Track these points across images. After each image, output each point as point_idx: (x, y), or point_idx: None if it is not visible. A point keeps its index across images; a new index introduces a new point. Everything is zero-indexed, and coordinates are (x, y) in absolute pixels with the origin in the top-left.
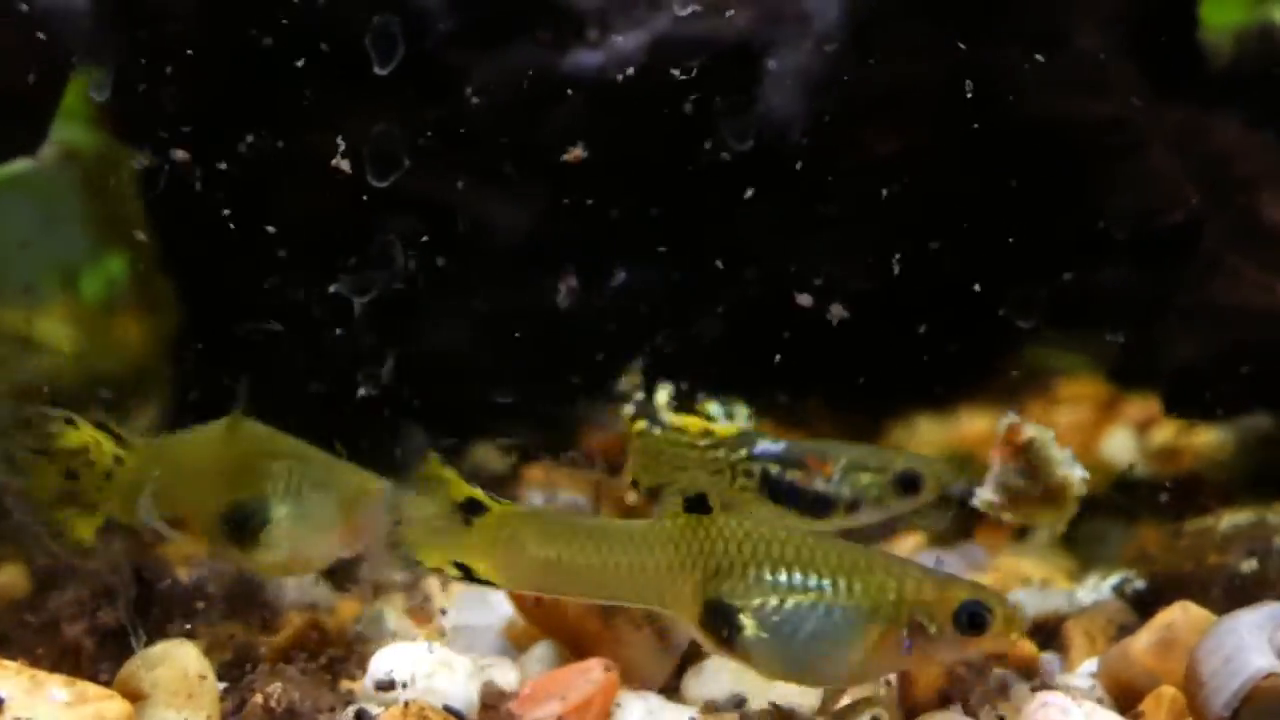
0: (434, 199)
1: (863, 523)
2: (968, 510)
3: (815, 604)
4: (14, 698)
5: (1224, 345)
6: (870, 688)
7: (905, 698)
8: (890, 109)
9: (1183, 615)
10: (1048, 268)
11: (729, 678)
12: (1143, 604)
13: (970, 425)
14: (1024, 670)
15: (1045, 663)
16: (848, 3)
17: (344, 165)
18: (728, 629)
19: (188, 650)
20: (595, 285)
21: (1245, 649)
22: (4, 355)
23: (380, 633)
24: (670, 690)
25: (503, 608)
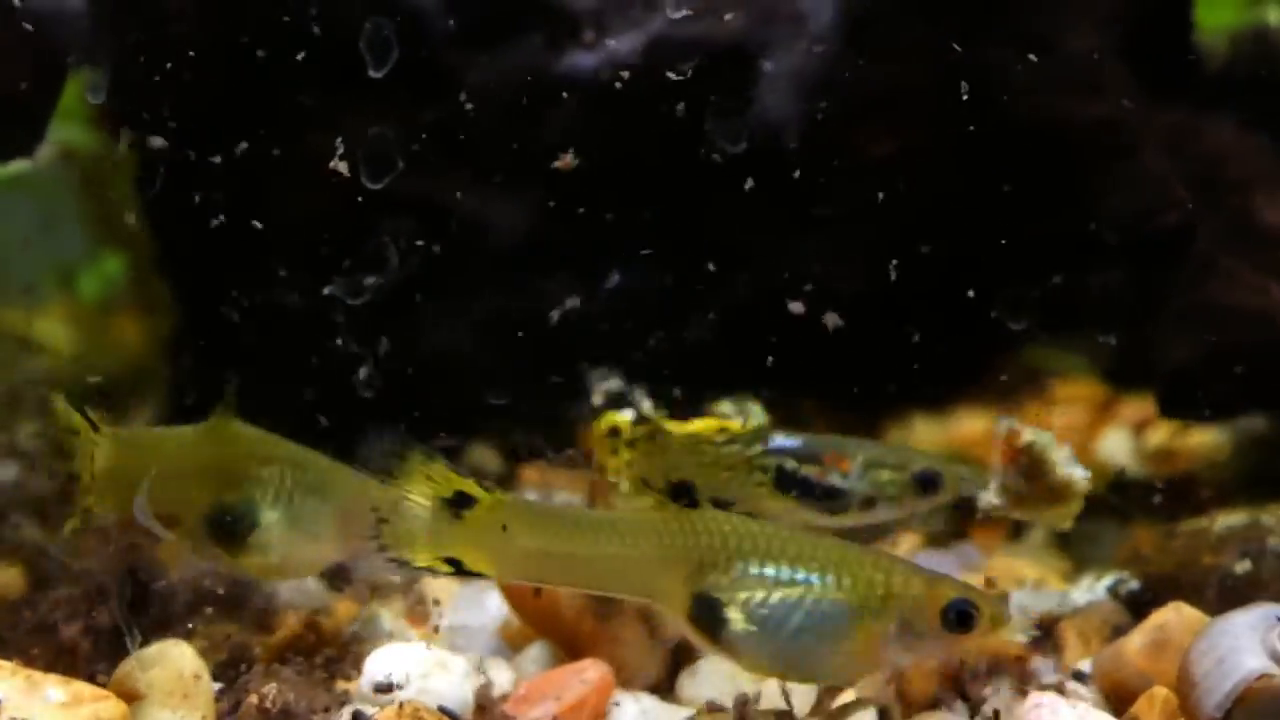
0: (430, 200)
1: (878, 520)
2: (965, 510)
3: (802, 599)
4: (10, 698)
5: (1218, 346)
6: (871, 688)
7: (899, 698)
8: (885, 110)
9: (1176, 616)
10: (1043, 269)
11: (724, 678)
12: (1136, 605)
13: (967, 425)
14: (1018, 670)
15: (1038, 663)
16: (842, 4)
17: (341, 167)
18: (715, 623)
19: (183, 650)
20: (591, 286)
21: (1238, 650)
22: (3, 355)
23: (376, 633)
24: (665, 690)
25: (498, 608)
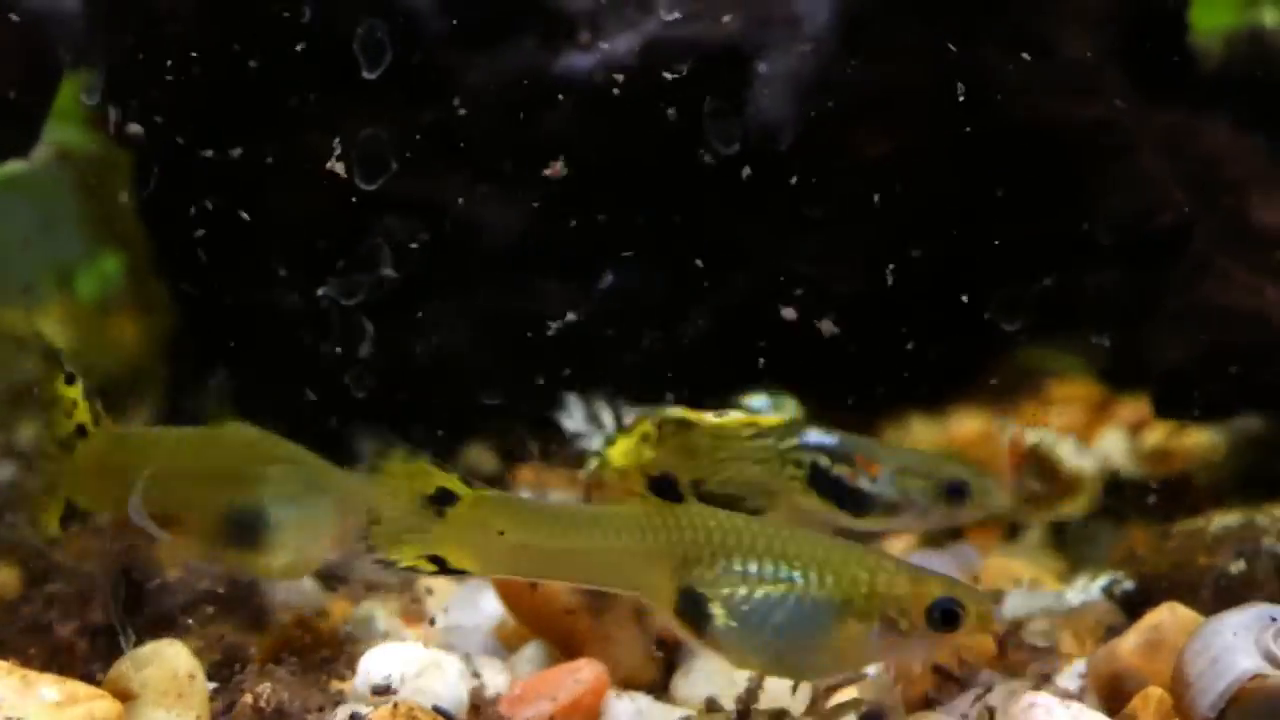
0: (426, 201)
1: (904, 528)
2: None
3: (786, 595)
4: (4, 697)
5: (1214, 347)
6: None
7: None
8: (882, 111)
9: (1170, 616)
10: (1040, 269)
11: (720, 677)
12: (1131, 605)
13: (964, 426)
14: (1012, 670)
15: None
16: (838, 5)
17: (338, 168)
18: (699, 617)
19: (177, 650)
20: (586, 286)
21: (1232, 650)
22: (1, 355)
23: (371, 633)
24: (659, 690)
25: (493, 608)
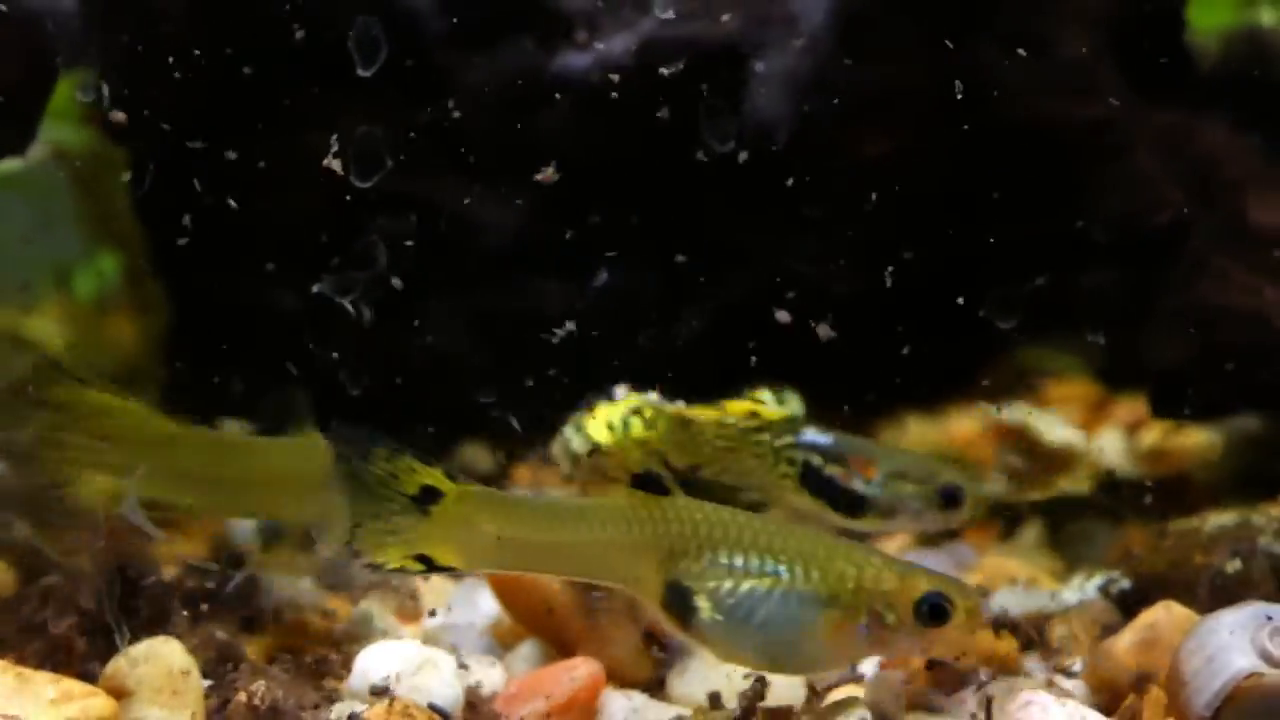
0: (423, 200)
1: (897, 530)
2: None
3: (771, 589)
4: (1, 695)
5: (1211, 347)
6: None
7: (895, 697)
8: (879, 111)
9: (1166, 615)
10: (1037, 269)
11: (716, 674)
12: (1127, 604)
13: (960, 425)
14: (1008, 669)
15: (1029, 661)
16: (835, 5)
17: (334, 166)
18: (685, 610)
19: (173, 648)
20: (582, 285)
21: (1228, 649)
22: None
23: (367, 631)
24: (655, 688)
25: (489, 606)
